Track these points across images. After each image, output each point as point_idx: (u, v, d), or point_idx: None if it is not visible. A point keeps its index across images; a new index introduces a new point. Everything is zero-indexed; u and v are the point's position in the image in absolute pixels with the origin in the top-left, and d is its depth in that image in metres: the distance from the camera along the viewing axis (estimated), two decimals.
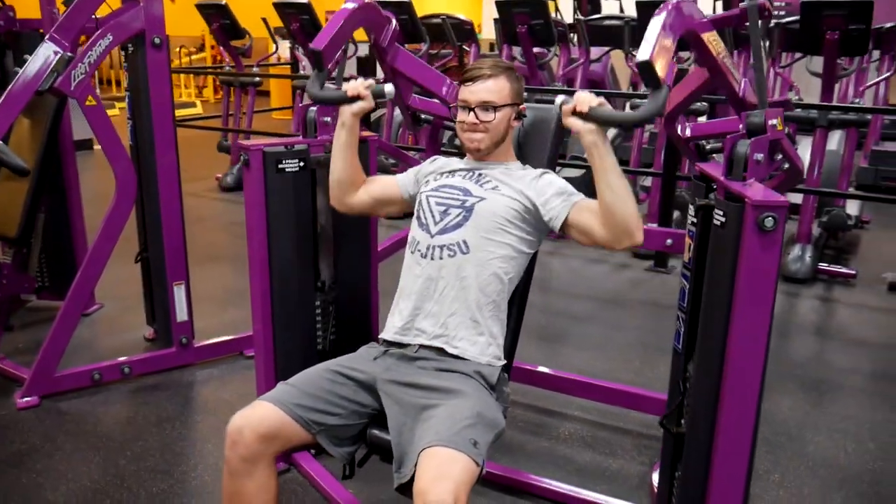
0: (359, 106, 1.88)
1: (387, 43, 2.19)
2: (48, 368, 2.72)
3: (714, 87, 1.96)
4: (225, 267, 4.32)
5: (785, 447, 2.51)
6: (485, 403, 1.60)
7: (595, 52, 6.02)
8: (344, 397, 1.66)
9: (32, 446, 2.44)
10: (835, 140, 5.14)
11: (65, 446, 2.45)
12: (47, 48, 2.55)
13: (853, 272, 4.21)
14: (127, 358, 2.91)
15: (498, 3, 5.11)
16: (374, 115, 6.19)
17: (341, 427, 1.65)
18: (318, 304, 2.25)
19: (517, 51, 5.89)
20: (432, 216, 1.78)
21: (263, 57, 7.32)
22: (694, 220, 1.76)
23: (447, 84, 2.36)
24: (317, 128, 2.21)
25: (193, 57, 13.03)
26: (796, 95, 4.92)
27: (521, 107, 1.84)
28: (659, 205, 4.40)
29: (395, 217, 2.09)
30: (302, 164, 2.12)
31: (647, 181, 5.18)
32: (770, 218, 1.46)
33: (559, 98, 1.68)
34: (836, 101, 4.64)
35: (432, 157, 2.00)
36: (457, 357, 1.69)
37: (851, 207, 4.75)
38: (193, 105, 11.30)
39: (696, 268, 1.76)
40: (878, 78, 4.79)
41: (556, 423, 2.63)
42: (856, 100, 4.66)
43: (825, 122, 4.11)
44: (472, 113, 1.78)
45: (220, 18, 5.98)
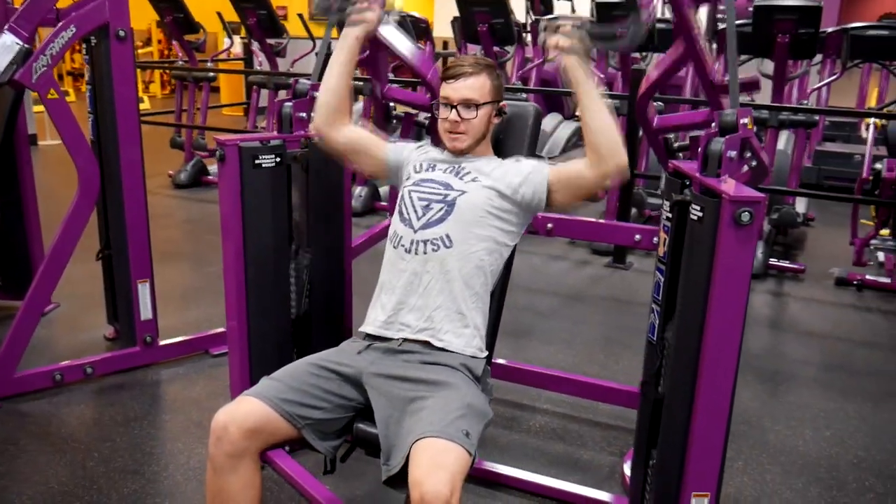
0: (363, 26, 1.89)
1: None
2: (7, 369, 2.64)
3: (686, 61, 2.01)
4: (183, 265, 4.25)
5: (746, 436, 2.60)
6: (473, 394, 1.62)
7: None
8: (329, 391, 1.66)
9: None
10: (782, 140, 5.32)
11: (28, 448, 2.38)
12: (6, 39, 2.48)
13: (802, 267, 4.38)
14: (89, 358, 2.84)
15: (459, 1, 5.14)
16: None
17: (327, 421, 1.65)
18: (292, 301, 2.24)
19: (477, 50, 5.94)
20: (414, 211, 1.79)
21: (217, 52, 7.20)
22: (669, 215, 1.81)
23: (427, 62, 2.34)
24: (292, 123, 2.20)
25: (140, 51, 12.71)
26: (748, 96, 5.07)
27: (501, 104, 1.87)
28: (617, 202, 4.49)
29: (365, 172, 2.08)
30: (278, 160, 2.11)
31: None
32: (746, 213, 1.52)
33: (543, 21, 1.75)
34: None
35: (419, 143, 2.01)
36: (442, 350, 1.71)
37: (799, 205, 4.94)
38: (141, 101, 11.01)
39: (671, 261, 1.82)
40: (824, 81, 4.97)
41: (528, 417, 2.67)
42: (804, 101, 4.83)
43: (776, 122, 4.26)
44: (454, 110, 1.80)
45: (173, 12, 5.86)
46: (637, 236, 2.42)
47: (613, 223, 3.59)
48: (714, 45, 5.23)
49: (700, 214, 1.63)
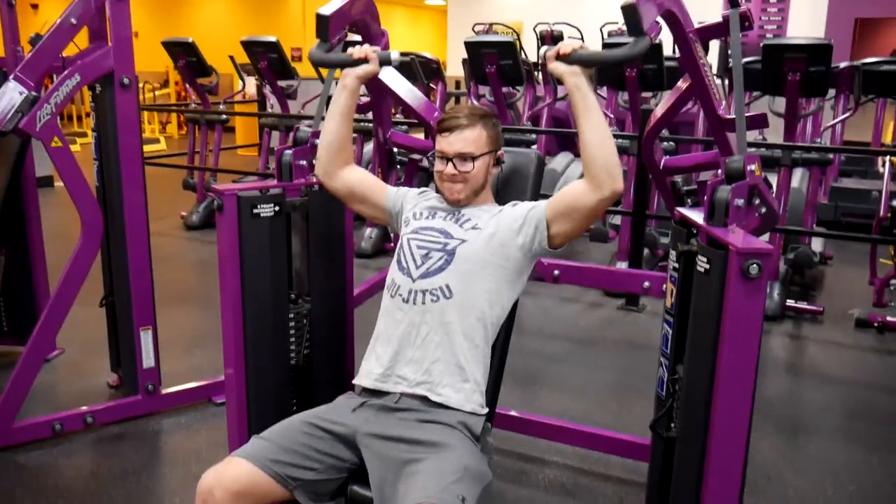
0: (364, 69, 1.85)
1: None
2: (6, 419, 2.60)
3: (692, 97, 1.97)
4: (191, 308, 4.22)
5: (765, 490, 2.50)
6: (471, 456, 1.55)
7: (560, 90, 6.11)
8: (322, 451, 1.60)
9: None
10: (796, 178, 5.25)
11: (23, 503, 2.33)
12: (12, 88, 2.49)
13: (820, 308, 4.27)
14: (90, 407, 2.80)
15: (467, 43, 5.16)
16: None
17: (320, 482, 1.59)
18: (292, 351, 2.19)
19: (486, 90, 5.95)
20: (413, 260, 1.74)
21: (230, 94, 7.28)
22: (676, 265, 1.75)
23: (431, 106, 2.32)
24: (292, 171, 2.18)
25: (157, 93, 12.93)
26: (759, 134, 5.02)
27: (499, 152, 1.83)
28: (629, 243, 4.43)
29: (367, 217, 2.04)
30: (277, 209, 2.08)
31: (616, 219, 5.22)
32: (755, 265, 1.46)
33: (544, 48, 1.72)
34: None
35: (422, 189, 1.97)
36: (440, 405, 1.64)
37: (815, 244, 4.84)
38: (157, 141, 11.17)
39: (679, 314, 1.75)
40: (838, 118, 4.91)
41: (536, 470, 2.59)
42: (817, 139, 4.77)
43: (789, 161, 4.20)
44: (449, 164, 1.76)
45: (186, 56, 5.94)
46: (646, 283, 2.36)
47: (621, 270, 3.53)
48: (725, 81, 5.22)
49: (707, 266, 1.57)
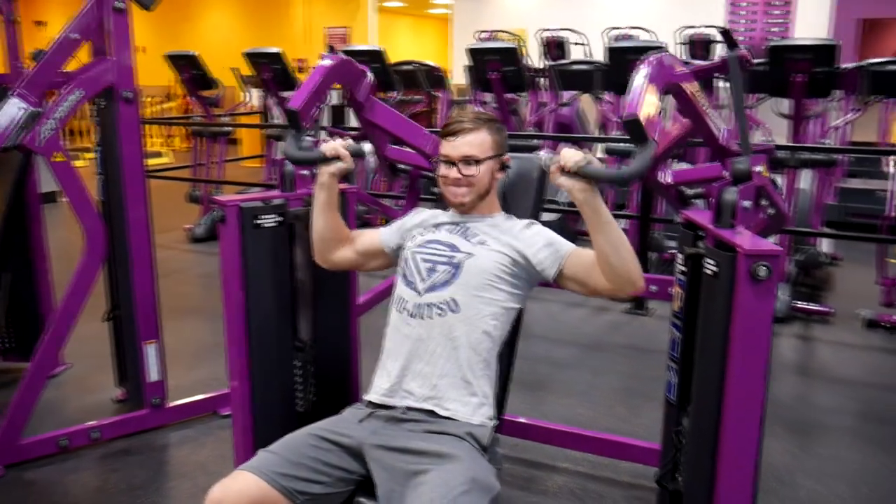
0: (337, 167, 1.82)
1: (363, 98, 2.17)
2: (13, 436, 2.58)
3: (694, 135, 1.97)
4: (197, 321, 4.21)
5: (777, 493, 2.46)
6: (478, 467, 1.53)
7: (564, 95, 6.11)
8: (329, 464, 1.58)
9: None
10: (804, 178, 5.22)
11: None
12: (14, 104, 2.49)
13: (829, 309, 4.23)
14: (96, 422, 2.78)
15: (470, 50, 5.16)
16: None
17: (327, 496, 1.57)
18: (297, 362, 2.18)
19: (489, 96, 5.94)
20: (419, 274, 1.73)
21: (234, 106, 7.30)
22: (683, 268, 1.73)
23: (425, 136, 2.33)
24: (294, 181, 2.17)
25: (162, 106, 12.98)
26: (763, 136, 5.00)
27: (504, 157, 1.81)
28: (636, 247, 4.40)
29: (380, 270, 2.02)
30: (280, 220, 2.07)
31: (623, 223, 5.19)
32: (763, 267, 1.44)
33: (543, 157, 1.67)
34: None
35: (415, 210, 1.96)
36: (447, 418, 1.62)
37: (824, 245, 4.81)
38: (161, 155, 11.21)
39: (687, 317, 1.73)
40: (844, 118, 4.89)
41: (545, 477, 2.56)
42: (824, 140, 4.74)
43: (795, 162, 4.17)
44: (454, 168, 1.75)
45: (190, 69, 5.96)
46: (653, 287, 2.34)
47: None
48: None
49: (715, 269, 1.55)
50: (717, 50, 7.90)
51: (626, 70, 1.67)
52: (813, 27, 9.47)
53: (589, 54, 8.49)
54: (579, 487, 2.50)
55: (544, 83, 6.65)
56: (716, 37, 7.78)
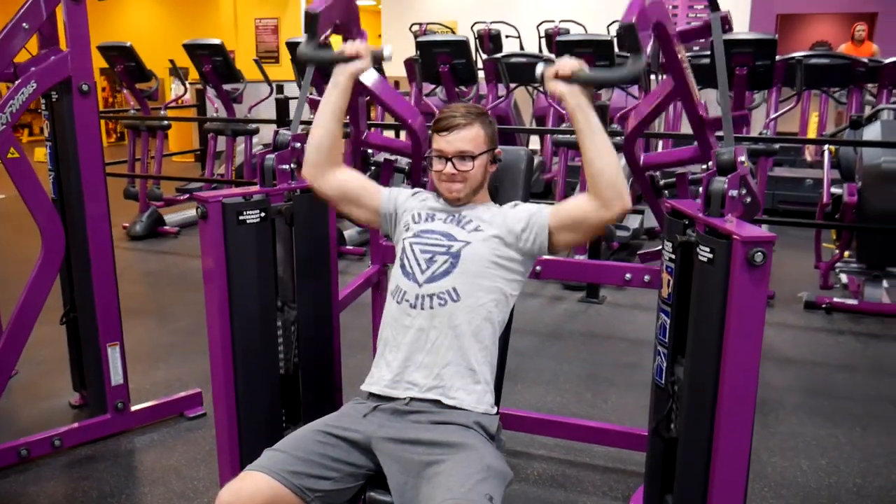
0: (356, 66, 1.78)
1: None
2: None
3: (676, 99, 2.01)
4: (148, 321, 4.09)
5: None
6: (491, 454, 1.55)
7: (502, 88, 6.20)
8: (337, 459, 1.57)
9: None
10: None
11: None
12: None
13: (770, 292, 4.43)
14: (57, 429, 2.67)
15: (420, 43, 5.15)
16: None
17: (337, 492, 1.56)
18: (281, 359, 2.14)
19: (433, 89, 5.95)
20: (418, 265, 1.73)
21: (173, 99, 7.08)
22: (672, 256, 1.78)
23: (411, 108, 2.30)
24: (275, 175, 2.12)
25: None
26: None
27: (496, 151, 1.83)
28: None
29: (355, 222, 1.98)
30: (262, 215, 2.03)
31: None
32: (760, 253, 1.51)
33: (540, 66, 1.68)
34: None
35: (415, 190, 1.95)
36: (453, 408, 1.64)
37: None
38: None
39: (677, 303, 1.79)
40: (784, 109, 5.11)
41: (524, 465, 2.60)
42: (764, 130, 4.95)
43: None
44: (449, 163, 1.75)
45: (124, 60, 5.73)
46: (627, 275, 2.40)
47: (603, 263, 3.59)
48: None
49: (710, 256, 1.61)
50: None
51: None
52: (733, 22, 9.81)
53: (521, 48, 8.59)
54: (559, 473, 2.55)
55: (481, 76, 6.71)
56: None
